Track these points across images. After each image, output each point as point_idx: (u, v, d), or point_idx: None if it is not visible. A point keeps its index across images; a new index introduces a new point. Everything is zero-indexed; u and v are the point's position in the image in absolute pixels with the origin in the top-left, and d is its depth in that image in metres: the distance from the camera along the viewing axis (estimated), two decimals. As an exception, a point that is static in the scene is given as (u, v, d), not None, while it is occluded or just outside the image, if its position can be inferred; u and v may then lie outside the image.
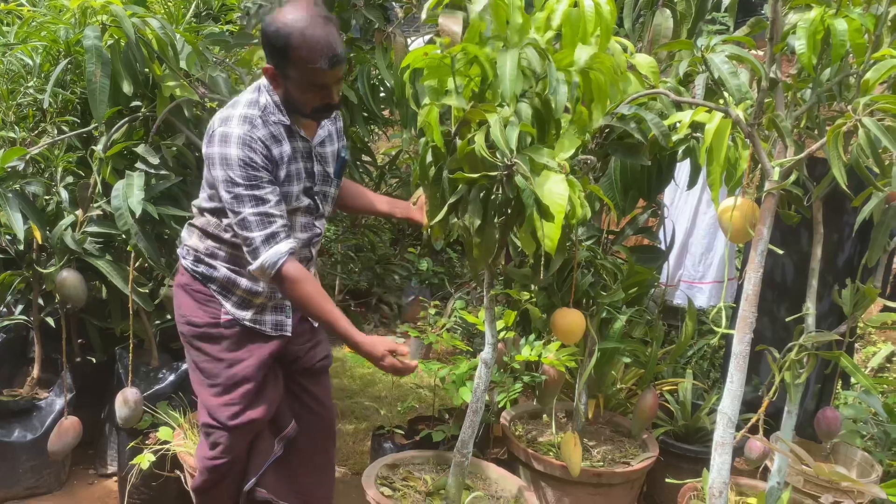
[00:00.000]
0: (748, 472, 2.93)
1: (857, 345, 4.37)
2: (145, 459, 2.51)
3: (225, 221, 2.00)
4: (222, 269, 2.05)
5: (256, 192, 1.87)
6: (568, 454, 2.57)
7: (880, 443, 3.10)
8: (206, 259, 2.07)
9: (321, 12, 1.85)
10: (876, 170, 1.75)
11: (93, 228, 2.49)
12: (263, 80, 1.96)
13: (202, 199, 2.05)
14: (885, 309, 2.68)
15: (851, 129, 1.76)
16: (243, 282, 2.05)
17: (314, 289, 1.94)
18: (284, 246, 1.90)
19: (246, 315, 2.08)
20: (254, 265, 1.90)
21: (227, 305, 2.07)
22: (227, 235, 2.02)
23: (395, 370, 1.95)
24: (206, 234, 2.06)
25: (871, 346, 4.37)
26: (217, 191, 1.93)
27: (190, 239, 2.10)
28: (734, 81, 1.89)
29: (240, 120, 1.89)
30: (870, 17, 1.90)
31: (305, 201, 2.04)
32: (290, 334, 2.15)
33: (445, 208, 1.99)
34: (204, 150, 1.96)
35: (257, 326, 2.10)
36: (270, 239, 1.88)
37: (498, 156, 1.72)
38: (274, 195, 1.90)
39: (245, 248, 1.92)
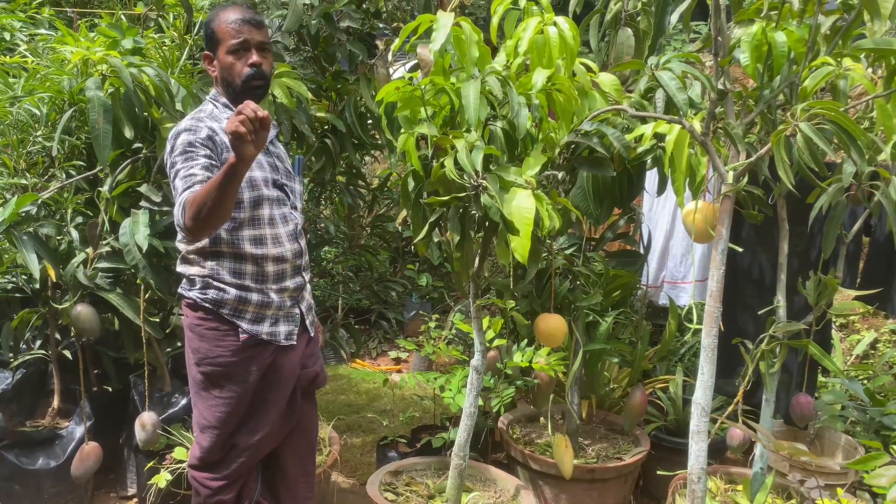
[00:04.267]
0: (741, 462, 3.05)
1: (841, 333, 4.49)
2: (162, 479, 2.66)
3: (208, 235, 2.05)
4: (232, 291, 2.11)
5: (188, 164, 1.94)
6: (559, 456, 2.69)
7: (864, 426, 3.21)
8: (215, 283, 2.12)
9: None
10: (816, 168, 1.89)
11: (103, 264, 2.65)
12: (209, 95, 2.18)
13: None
14: (856, 298, 2.82)
15: (793, 133, 1.91)
16: (253, 297, 2.13)
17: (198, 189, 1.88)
18: None
19: (262, 329, 2.15)
20: (177, 215, 1.91)
21: (244, 325, 2.13)
22: (222, 248, 2.10)
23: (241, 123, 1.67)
24: (203, 255, 2.12)
25: (856, 335, 4.48)
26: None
27: (191, 269, 2.16)
28: (681, 97, 2.04)
29: (187, 119, 2.06)
30: (805, 28, 2.06)
31: (275, 192, 2.14)
32: (295, 342, 2.22)
33: (427, 227, 2.16)
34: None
35: (273, 340, 2.17)
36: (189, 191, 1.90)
37: (466, 177, 1.88)
38: (202, 171, 1.94)
39: (175, 211, 1.93)
